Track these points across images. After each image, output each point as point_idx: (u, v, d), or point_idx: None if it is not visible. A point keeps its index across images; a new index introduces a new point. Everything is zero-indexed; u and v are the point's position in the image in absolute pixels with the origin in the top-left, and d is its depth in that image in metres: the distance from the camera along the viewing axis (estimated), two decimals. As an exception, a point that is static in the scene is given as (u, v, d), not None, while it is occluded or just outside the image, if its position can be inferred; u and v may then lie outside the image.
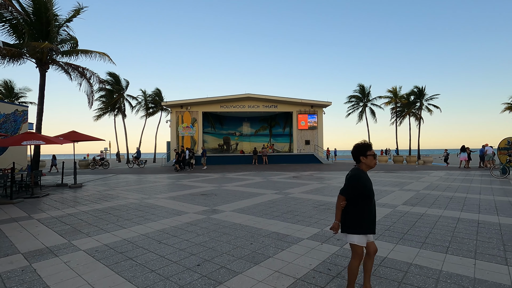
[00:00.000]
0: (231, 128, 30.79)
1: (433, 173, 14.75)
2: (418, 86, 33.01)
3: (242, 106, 26.20)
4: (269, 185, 10.37)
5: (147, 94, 38.15)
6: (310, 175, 14.23)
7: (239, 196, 8.13)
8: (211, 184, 10.90)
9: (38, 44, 10.10)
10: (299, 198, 7.64)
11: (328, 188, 9.53)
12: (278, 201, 7.27)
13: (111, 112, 36.63)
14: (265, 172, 16.03)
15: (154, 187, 10.53)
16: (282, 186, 10.16)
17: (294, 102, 26.00)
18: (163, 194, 8.65)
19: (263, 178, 13.03)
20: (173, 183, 11.76)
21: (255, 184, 10.72)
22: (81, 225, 5.24)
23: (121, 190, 9.75)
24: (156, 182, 12.25)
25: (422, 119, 34.57)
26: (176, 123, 25.81)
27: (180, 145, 25.03)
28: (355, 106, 39.87)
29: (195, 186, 10.56)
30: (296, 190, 9.01)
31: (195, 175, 14.88)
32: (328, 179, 12.11)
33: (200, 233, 4.57)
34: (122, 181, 12.72)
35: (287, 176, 13.58)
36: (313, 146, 26.46)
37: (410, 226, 4.78)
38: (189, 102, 25.46)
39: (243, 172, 16.22)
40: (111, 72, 33.49)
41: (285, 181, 11.55)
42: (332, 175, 13.87)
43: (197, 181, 12.23)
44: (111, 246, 4.02)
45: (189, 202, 7.24)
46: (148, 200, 7.74)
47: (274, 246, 3.91)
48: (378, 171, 15.89)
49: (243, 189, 9.56)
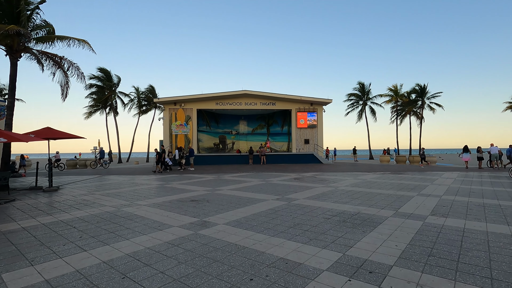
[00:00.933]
0: (227, 127, 29.61)
1: (444, 174, 13.73)
2: (420, 84, 32.15)
3: (238, 103, 25.02)
4: (269, 189, 9.23)
5: (140, 91, 36.81)
6: (313, 176, 13.13)
7: (235, 203, 6.99)
8: (204, 188, 9.73)
9: (3, 26, 8.82)
10: (305, 205, 6.51)
11: (336, 192, 8.42)
12: (281, 209, 6.14)
13: (103, 109, 35.23)
14: (264, 173, 14.90)
15: (139, 190, 9.33)
16: (284, 190, 9.02)
17: (293, 99, 24.89)
18: (147, 200, 7.47)
19: (262, 180, 11.90)
20: (162, 186, 10.57)
21: (253, 188, 9.58)
22: (30, 246, 4.05)
23: (101, 195, 8.55)
24: (144, 184, 11.05)
25: (423, 118, 33.75)
26: (169, 121, 24.55)
27: (161, 145, 23.89)
28: (354, 104, 38.93)
29: (186, 189, 9.38)
30: (300, 195, 7.88)
31: (188, 177, 13.70)
32: (333, 182, 11.02)
33: (183, 260, 3.42)
34: (106, 183, 11.50)
35: (287, 178, 12.45)
36: (313, 145, 25.38)
37: (458, 249, 3.67)
38: (183, 99, 24.22)
39: (240, 173, 15.07)
40: (101, 68, 32.12)
41: (286, 184, 10.43)
42: (337, 177, 12.78)
43: (189, 183, 11.05)
44: (54, 285, 2.85)
45: (176, 211, 6.07)
46: (128, 208, 6.55)
47: (284, 285, 2.77)
48: (384, 172, 14.86)
49: (240, 193, 8.40)
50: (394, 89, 35.27)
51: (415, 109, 33.82)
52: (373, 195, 7.77)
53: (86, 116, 35.20)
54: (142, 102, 37.00)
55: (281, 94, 24.58)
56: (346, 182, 10.89)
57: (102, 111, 35.19)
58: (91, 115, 35.18)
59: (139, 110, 37.16)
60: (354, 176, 12.96)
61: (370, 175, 13.65)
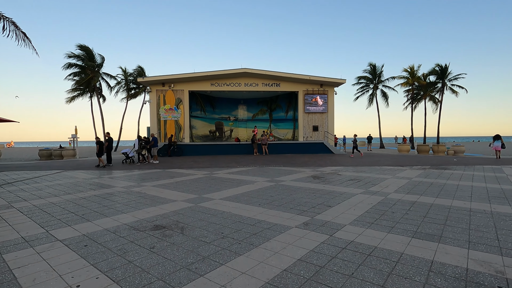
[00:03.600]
0: (224, 112, 26.23)
1: (505, 168, 10.57)
2: (440, 64, 28.57)
3: (237, 84, 21.56)
4: (284, 198, 6.05)
5: (128, 73, 33.12)
6: (334, 173, 9.97)
7: (230, 233, 3.81)
8: (185, 194, 6.53)
9: None
10: (370, 249, 3.34)
11: (396, 207, 5.24)
12: (331, 267, 2.96)
13: (86, 93, 31.61)
14: (269, 168, 11.72)
15: (78, 202, 6.13)
16: (308, 200, 5.84)
17: (300, 79, 21.42)
18: (64, 231, 4.27)
19: (269, 179, 8.72)
20: (128, 189, 7.36)
21: (259, 195, 6.40)
22: None
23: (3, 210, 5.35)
24: (94, 191, 7.86)
25: (441, 102, 30.33)
26: (156, 104, 21.17)
27: (103, 134, 20.68)
28: (364, 88, 35.43)
29: (158, 198, 6.19)
30: (345, 217, 4.69)
31: (174, 173, 10.50)
32: (369, 183, 7.85)
33: None
34: (41, 185, 8.29)
35: (303, 176, 9.28)
36: (323, 132, 22.14)
37: None
38: (172, 78, 20.73)
39: (239, 168, 11.89)
40: (82, 45, 28.25)
41: (307, 187, 7.26)
42: (368, 174, 9.60)
43: (169, 184, 7.86)
44: None
45: (101, 266, 2.90)
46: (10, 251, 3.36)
47: None
48: (421, 166, 11.68)
49: (240, 209, 5.22)
50: (410, 70, 31.70)
51: (434, 92, 30.42)
52: (463, 213, 4.61)
53: (68, 100, 31.64)
54: (130, 85, 33.39)
55: (286, 73, 21.08)
56: (389, 183, 7.72)
57: (86, 95, 31.60)
58: (74, 99, 31.61)
59: (127, 93, 33.57)
60: (389, 173, 9.80)
61: (407, 171, 10.49)
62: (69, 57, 28.06)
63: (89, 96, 31.39)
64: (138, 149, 14.79)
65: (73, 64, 28.46)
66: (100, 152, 13.15)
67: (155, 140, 15.17)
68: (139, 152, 14.82)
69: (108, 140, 14.00)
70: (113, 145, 14.27)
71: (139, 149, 14.75)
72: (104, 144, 13.50)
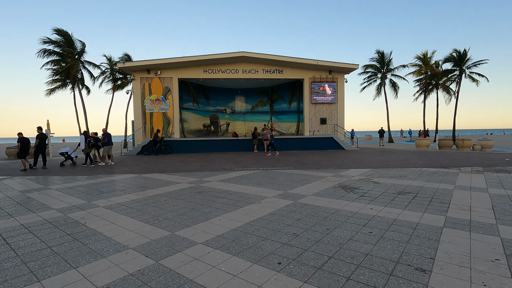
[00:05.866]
0: (220, 104, 23.46)
1: None
2: (458, 50, 25.87)
3: (234, 70, 18.76)
4: (319, 240, 3.39)
5: (114, 61, 30.06)
6: (368, 180, 7.34)
7: None
8: (148, 230, 3.84)
9: None
10: None
11: None
12: None
13: (68, 84, 28.56)
14: (276, 172, 9.07)
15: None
16: (368, 251, 3.20)
17: (306, 64, 18.65)
18: None
19: (280, 191, 6.07)
20: (65, 214, 4.69)
21: (273, 232, 3.72)
22: None
23: None
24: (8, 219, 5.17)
25: (458, 92, 27.71)
26: (141, 94, 18.35)
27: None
28: (371, 77, 32.73)
29: (97, 240, 3.51)
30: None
31: (149, 181, 7.81)
32: (440, 200, 5.22)
33: None
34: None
35: (327, 186, 6.63)
36: (332, 126, 19.50)
37: None
38: (159, 64, 17.87)
39: (238, 172, 9.24)
40: (59, 29, 25.14)
41: (346, 211, 4.61)
42: (420, 183, 6.97)
43: (132, 204, 5.16)
44: None
45: None
46: None
47: None
48: (473, 168, 9.11)
49: (242, 279, 2.56)
50: (423, 57, 28.98)
51: (451, 81, 27.78)
52: None
53: (47, 93, 28.63)
54: (116, 75, 30.39)
55: (291, 57, 18.29)
56: (465, 200, 5.10)
57: (67, 86, 28.56)
58: (53, 91, 28.59)
59: (113, 84, 30.59)
60: (444, 180, 7.18)
61: (462, 175, 7.90)
62: (45, 43, 24.99)
63: (70, 87, 28.34)
64: (85, 149, 11.97)
65: (49, 51, 25.40)
66: (23, 152, 10.62)
67: (108, 137, 12.38)
68: (87, 152, 11.99)
69: (39, 136, 11.29)
70: (46, 143, 11.61)
71: (87, 148, 11.94)
72: (28, 143, 11.03)
